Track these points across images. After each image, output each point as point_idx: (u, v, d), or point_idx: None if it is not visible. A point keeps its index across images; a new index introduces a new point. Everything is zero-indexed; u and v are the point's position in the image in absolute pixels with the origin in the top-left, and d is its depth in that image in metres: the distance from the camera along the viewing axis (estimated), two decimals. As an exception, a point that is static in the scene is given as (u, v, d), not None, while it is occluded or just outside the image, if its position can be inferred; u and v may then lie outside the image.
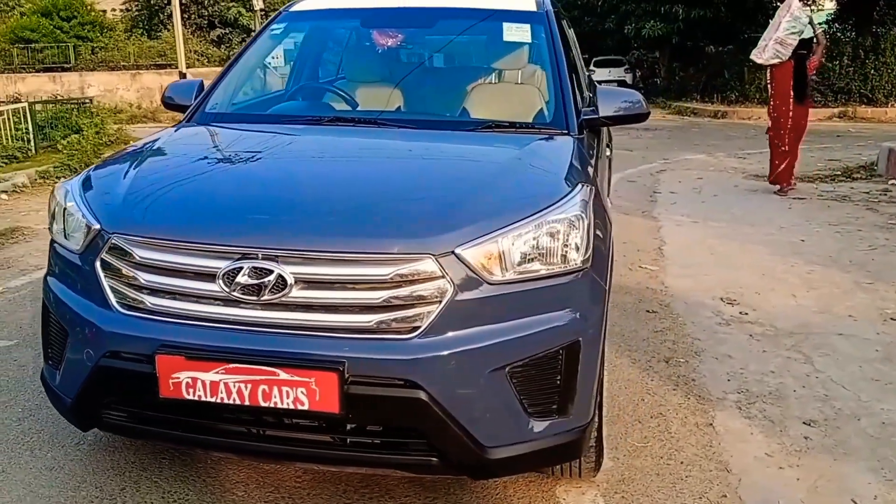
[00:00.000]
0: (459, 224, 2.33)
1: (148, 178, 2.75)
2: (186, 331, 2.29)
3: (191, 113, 3.54)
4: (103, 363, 2.35)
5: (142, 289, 2.36)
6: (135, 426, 2.47)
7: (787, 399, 3.57)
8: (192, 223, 2.43)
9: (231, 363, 2.21)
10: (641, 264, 5.73)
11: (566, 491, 2.73)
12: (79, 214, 2.55)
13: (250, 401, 2.20)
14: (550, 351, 2.32)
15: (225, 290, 2.25)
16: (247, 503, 2.68)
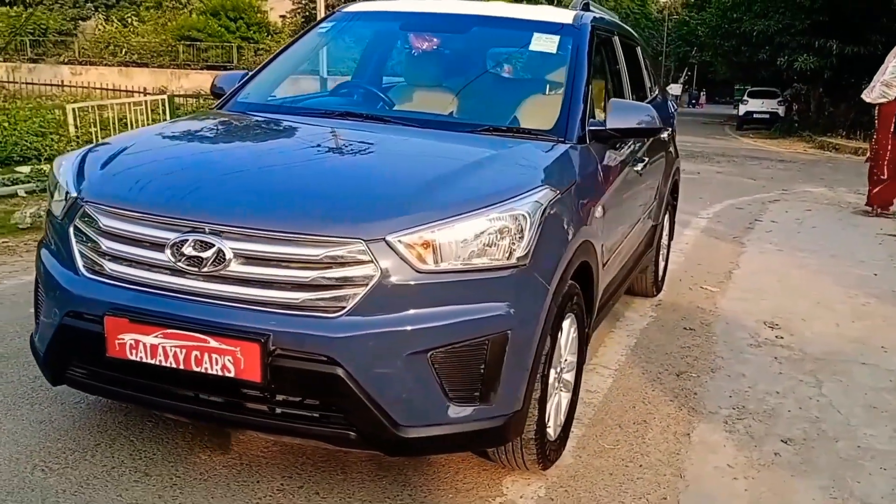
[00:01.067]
0: (394, 213, 2.28)
1: (132, 154, 2.77)
2: (134, 296, 2.31)
3: (223, 101, 3.54)
4: (65, 322, 2.39)
5: (104, 255, 2.39)
6: (93, 383, 2.49)
7: (778, 418, 3.45)
8: (151, 196, 2.44)
9: (169, 328, 2.22)
10: (704, 285, 5.57)
11: (513, 481, 2.74)
12: (64, 184, 2.59)
13: (184, 365, 2.21)
14: (475, 340, 2.27)
15: (172, 260, 2.27)
16: (207, 465, 2.70)
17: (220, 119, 3.34)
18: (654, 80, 5.07)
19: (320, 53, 3.72)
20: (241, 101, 3.46)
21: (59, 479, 2.57)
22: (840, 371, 4.06)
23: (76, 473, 2.61)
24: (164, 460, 2.72)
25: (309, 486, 2.62)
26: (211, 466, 2.71)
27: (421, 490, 2.65)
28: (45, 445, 2.78)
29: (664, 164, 4.74)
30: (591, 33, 3.54)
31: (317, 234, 2.24)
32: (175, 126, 3.35)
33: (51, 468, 2.64)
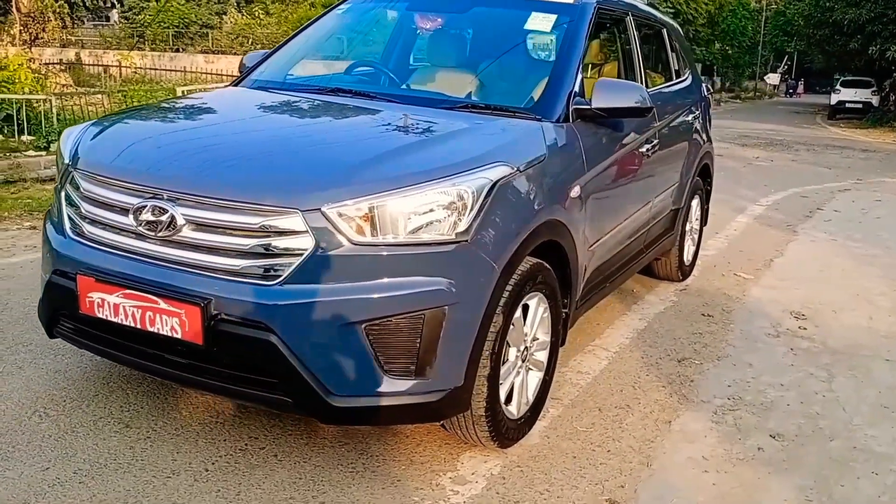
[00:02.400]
0: (332, 185, 2.16)
1: (122, 126, 2.73)
2: (103, 257, 2.29)
3: (238, 80, 3.44)
4: (52, 279, 2.41)
5: (84, 218, 2.38)
6: (76, 337, 2.47)
7: (774, 411, 3.09)
8: (122, 163, 2.41)
9: (128, 289, 2.20)
10: (739, 272, 5.11)
11: (471, 457, 2.57)
12: (62, 153, 2.60)
13: (140, 324, 2.19)
14: (410, 314, 2.13)
15: (134, 224, 2.25)
16: (185, 421, 2.66)
17: (217, 95, 3.28)
18: (685, 63, 4.64)
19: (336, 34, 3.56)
20: (253, 79, 3.37)
21: (49, 425, 2.59)
22: (858, 366, 3.61)
23: (66, 421, 2.63)
24: (148, 414, 2.71)
25: (270, 448, 2.53)
26: (188, 423, 2.67)
27: (376, 459, 2.52)
28: (52, 393, 2.82)
29: (688, 147, 4.34)
30: (592, 13, 3.25)
31: (256, 202, 2.15)
32: (175, 102, 3.31)
33: (47, 414, 2.67)
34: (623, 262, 3.59)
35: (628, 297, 4.40)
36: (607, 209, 3.20)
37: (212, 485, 2.32)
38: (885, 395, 3.30)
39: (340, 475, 2.41)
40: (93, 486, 2.27)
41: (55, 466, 2.36)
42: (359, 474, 2.42)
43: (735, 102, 37.47)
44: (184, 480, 2.33)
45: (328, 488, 2.34)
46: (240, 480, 2.35)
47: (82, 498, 2.22)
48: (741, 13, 41.79)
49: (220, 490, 2.29)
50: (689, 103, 4.43)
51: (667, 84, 4.25)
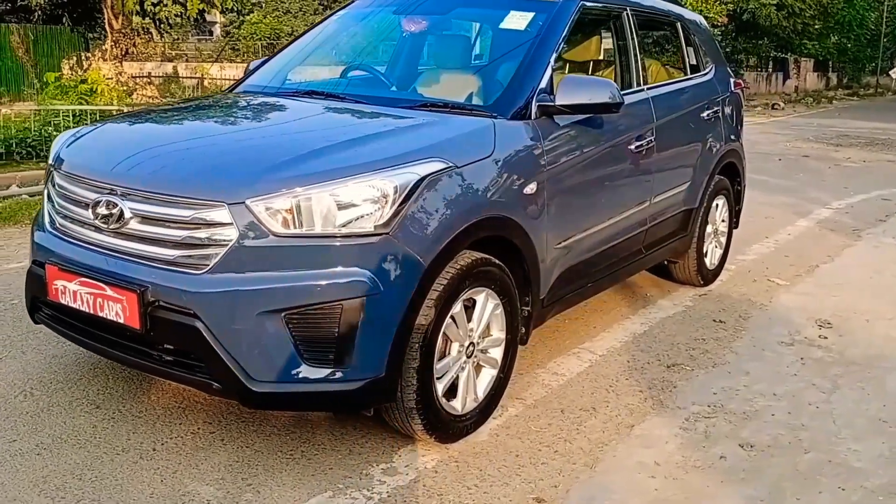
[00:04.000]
0: (257, 179, 2.28)
1: (102, 129, 2.94)
2: (67, 247, 2.52)
3: (233, 85, 3.64)
4: (31, 268, 2.67)
5: (58, 212, 2.61)
6: (50, 323, 2.68)
7: (754, 421, 2.97)
8: (87, 161, 2.63)
9: (83, 277, 2.41)
10: (774, 277, 4.88)
11: (410, 451, 2.62)
12: (51, 154, 2.84)
13: (93, 310, 2.39)
14: (328, 304, 2.23)
15: (91, 218, 2.45)
16: (151, 404, 2.84)
17: (195, 101, 3.49)
18: (707, 57, 4.49)
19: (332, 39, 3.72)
20: (245, 84, 3.57)
21: (30, 404, 2.87)
22: (870, 378, 3.40)
23: (46, 400, 2.89)
24: (120, 397, 2.94)
25: (219, 433, 2.70)
26: (153, 406, 2.88)
27: (316, 447, 2.63)
28: (42, 376, 3.10)
29: (703, 145, 4.21)
30: (574, 11, 3.26)
31: (189, 196, 2.33)
32: (154, 108, 3.59)
33: (32, 394, 2.95)
34: (611, 262, 3.54)
35: (638, 300, 4.33)
36: (580, 207, 3.19)
37: (154, 463, 2.51)
38: (889, 410, 3.10)
39: (277, 461, 2.54)
40: (48, 458, 2.51)
41: (22, 440, 2.61)
42: (294, 461, 2.55)
43: (850, 100, 35.12)
44: (130, 458, 2.53)
45: (260, 472, 2.48)
46: (181, 461, 2.52)
47: (36, 468, 2.45)
48: (859, 3, 39.19)
49: (160, 469, 2.48)
50: (706, 99, 4.29)
51: (677, 80, 4.16)
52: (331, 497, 2.36)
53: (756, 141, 13.53)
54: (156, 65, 20.31)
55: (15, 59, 14.44)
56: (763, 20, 23.20)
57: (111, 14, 12.47)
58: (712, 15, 21.01)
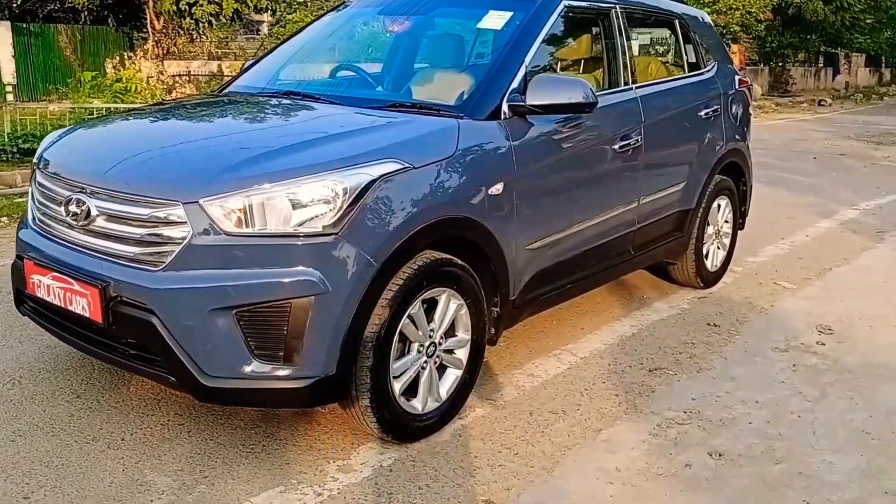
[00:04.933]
0: (211, 179, 2.32)
1: (85, 129, 3.03)
2: (43, 242, 2.60)
3: (223, 85, 3.69)
4: (14, 262, 2.76)
5: (39, 209, 2.70)
6: (32, 315, 2.77)
7: (729, 429, 2.88)
8: (63, 161, 2.72)
9: (55, 272, 2.49)
10: (781, 280, 4.73)
11: (369, 449, 2.63)
12: (36, 154, 2.90)
13: (63, 303, 2.48)
14: (278, 302, 2.26)
15: (64, 214, 2.53)
16: (129, 395, 2.91)
17: (175, 102, 3.56)
18: (708, 55, 4.37)
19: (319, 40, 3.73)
20: (235, 84, 3.61)
21: (16, 392, 2.97)
22: (862, 387, 3.27)
23: (32, 389, 2.99)
24: (102, 387, 3.01)
25: (187, 425, 2.75)
26: (130, 397, 2.94)
27: (277, 442, 2.66)
28: (34, 365, 3.20)
29: (700, 144, 4.10)
30: (555, 10, 3.23)
31: (147, 195, 2.38)
32: (137, 109, 3.66)
33: (20, 382, 3.05)
34: (594, 263, 3.48)
35: (633, 302, 4.24)
36: (556, 208, 3.14)
37: (120, 452, 2.57)
38: (875, 421, 2.97)
39: (236, 454, 2.58)
40: (21, 444, 2.59)
41: (0, 427, 2.71)
42: (253, 455, 2.58)
43: (905, 97, 33.87)
44: (98, 447, 2.59)
45: (219, 464, 2.51)
46: (145, 451, 2.58)
47: (8, 454, 2.54)
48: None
49: (124, 458, 2.53)
50: (705, 98, 4.18)
51: (671, 78, 4.06)
52: (282, 492, 2.38)
53: (795, 138, 13.14)
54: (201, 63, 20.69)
55: (63, 58, 14.98)
56: (809, 14, 22.41)
57: (153, 14, 12.79)
58: (755, 10, 20.40)
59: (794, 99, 22.67)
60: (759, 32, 22.03)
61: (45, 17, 15.96)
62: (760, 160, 10.19)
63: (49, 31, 15.12)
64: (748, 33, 21.41)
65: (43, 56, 14.92)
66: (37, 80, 14.79)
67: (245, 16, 14.15)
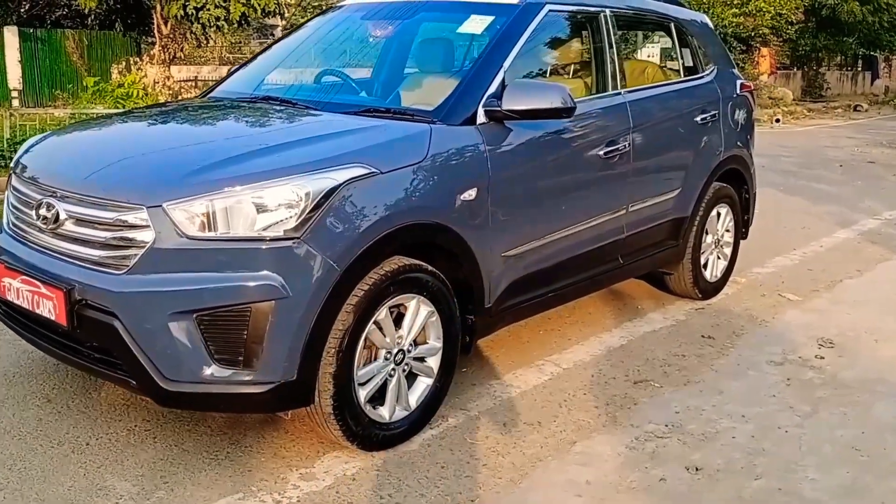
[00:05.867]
0: (175, 183, 2.40)
1: (58, 134, 3.13)
2: (15, 246, 2.68)
3: (207, 91, 3.77)
4: None
5: (12, 213, 2.78)
6: (4, 319, 2.84)
7: (711, 443, 2.90)
8: (36, 165, 2.81)
9: (24, 275, 2.56)
10: (786, 292, 4.72)
11: (335, 457, 2.67)
12: (14, 159, 2.99)
13: (31, 307, 2.54)
14: (238, 307, 2.31)
15: (34, 218, 2.61)
16: (100, 400, 2.98)
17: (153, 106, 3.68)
18: (707, 59, 4.39)
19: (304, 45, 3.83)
20: (219, 89, 3.70)
21: (-12, 396, 3.08)
22: (857, 403, 3.27)
23: (4, 393, 3.08)
24: (74, 392, 3.10)
25: (153, 430, 2.82)
26: (100, 402, 3.03)
27: (242, 449, 2.72)
28: (9, 370, 3.30)
29: (696, 150, 4.13)
30: (537, 15, 3.29)
31: (112, 198, 2.46)
32: (115, 114, 3.78)
33: (-7, 387, 3.16)
34: (578, 272, 3.51)
35: (626, 312, 4.26)
36: (535, 215, 3.19)
37: (84, 457, 2.65)
38: (866, 438, 2.97)
39: (199, 460, 2.64)
40: (-14, 448, 2.69)
41: (-32, 430, 2.81)
42: (216, 461, 2.65)
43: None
44: (63, 451, 2.68)
45: (180, 470, 2.58)
46: (109, 456, 2.66)
47: (-27, 457, 2.64)
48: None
49: (87, 463, 2.62)
50: (702, 103, 4.20)
51: (665, 83, 4.09)
52: (240, 499, 2.44)
53: (824, 145, 13.06)
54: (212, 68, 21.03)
55: (70, 63, 15.33)
56: (845, 16, 22.23)
57: (160, 19, 13.05)
58: (786, 12, 20.30)
59: (829, 104, 22.49)
60: (791, 35, 21.88)
61: (53, 22, 16.36)
62: (783, 167, 10.19)
63: (56, 37, 15.50)
64: (779, 36, 21.29)
65: (49, 61, 15.29)
66: (43, 85, 15.16)
67: (255, 20, 14.37)
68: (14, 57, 14.90)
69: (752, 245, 5.36)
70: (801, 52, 24.43)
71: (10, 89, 14.85)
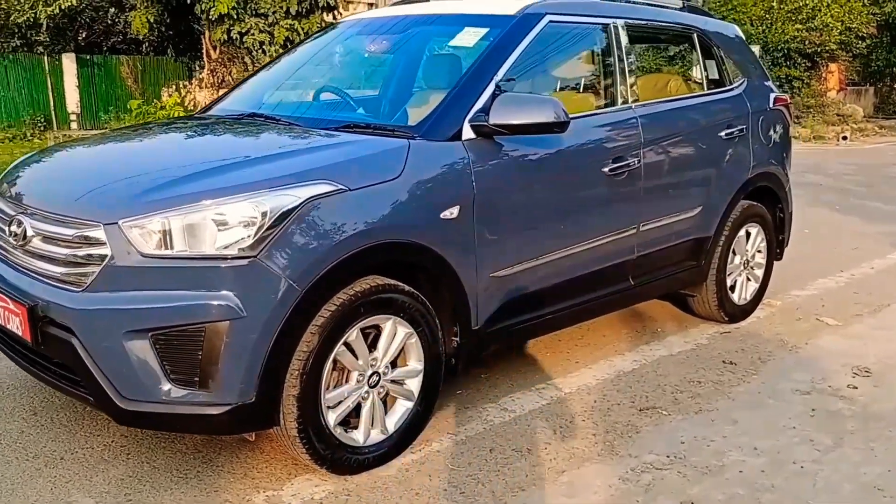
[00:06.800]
0: (132, 201, 2.39)
1: (42, 153, 3.17)
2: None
3: (204, 109, 3.77)
4: None
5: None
6: None
7: (714, 477, 2.71)
8: (13, 183, 2.86)
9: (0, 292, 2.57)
10: (826, 316, 4.44)
11: (306, 480, 2.61)
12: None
13: (4, 322, 2.58)
14: (192, 326, 2.28)
15: (6, 235, 2.66)
16: (83, 413, 3.01)
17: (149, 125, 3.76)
18: (736, 71, 4.21)
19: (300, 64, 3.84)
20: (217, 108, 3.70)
21: (-26, 409, 3.13)
22: (889, 438, 3.02)
23: (-7, 405, 3.14)
24: (60, 406, 3.12)
25: (129, 447, 2.81)
26: (82, 415, 3.04)
27: (213, 469, 2.68)
28: (5, 382, 3.35)
29: (720, 167, 3.94)
30: (535, 26, 3.19)
31: (73, 216, 2.47)
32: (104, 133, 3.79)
33: (-17, 399, 3.21)
34: (581, 293, 3.37)
35: (644, 335, 4.09)
36: (529, 233, 3.07)
37: (56, 471, 2.65)
38: (892, 476, 2.73)
39: (168, 479, 2.62)
40: (-37, 460, 2.72)
41: (-50, 441, 2.86)
42: (185, 480, 2.61)
43: None
44: (36, 465, 2.69)
45: (147, 489, 2.56)
46: (79, 471, 2.66)
47: (-52, 469, 2.67)
48: None
49: (57, 477, 2.62)
50: (728, 117, 4.02)
51: (683, 97, 3.93)
52: (199, 520, 2.41)
53: (890, 163, 12.50)
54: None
55: (125, 87, 15.97)
56: (922, 30, 21.38)
57: (209, 44, 13.47)
58: (856, 26, 19.60)
59: (906, 123, 21.55)
60: (862, 50, 21.12)
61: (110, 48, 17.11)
62: (842, 185, 9.78)
63: (111, 62, 16.23)
64: (848, 52, 20.56)
65: (105, 86, 16.00)
66: (99, 108, 15.87)
67: (299, 43, 14.69)
68: (72, 82, 15.65)
69: (794, 266, 5.13)
70: (873, 68, 23.55)
71: (69, 112, 15.61)
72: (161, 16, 13.77)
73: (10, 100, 15.22)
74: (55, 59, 15.79)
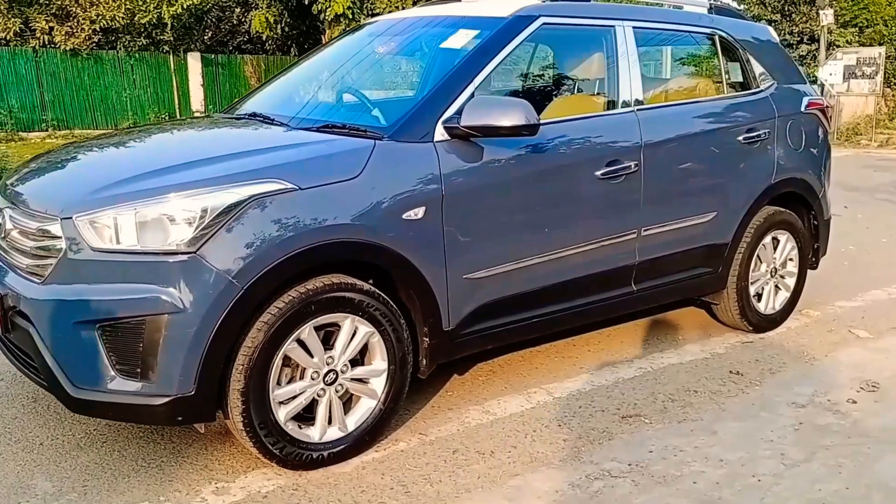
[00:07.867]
0: (86, 195, 2.51)
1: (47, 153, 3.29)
2: None
3: (229, 107, 3.85)
4: None
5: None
6: None
7: (666, 487, 2.65)
8: (10, 178, 3.01)
9: None
10: (859, 329, 4.21)
11: (261, 474, 2.70)
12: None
13: None
14: (133, 318, 2.40)
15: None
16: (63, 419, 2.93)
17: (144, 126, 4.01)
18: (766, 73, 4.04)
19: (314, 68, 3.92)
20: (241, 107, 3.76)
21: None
22: (863, 454, 2.88)
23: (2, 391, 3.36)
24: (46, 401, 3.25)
25: (108, 435, 2.98)
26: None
27: (176, 459, 2.82)
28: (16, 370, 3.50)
29: (738, 172, 3.80)
30: (522, 29, 3.18)
31: (37, 210, 2.66)
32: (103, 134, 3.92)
33: (-4, 385, 3.46)
34: (574, 298, 3.36)
35: (662, 342, 4.03)
36: (506, 236, 3.07)
37: (30, 456, 2.84)
38: (846, 495, 2.60)
39: (129, 467, 2.77)
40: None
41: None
42: (145, 469, 2.76)
43: None
44: (15, 449, 2.88)
45: (106, 475, 2.71)
46: (52, 456, 2.84)
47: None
48: None
49: (29, 461, 2.80)
50: (747, 121, 3.87)
51: (691, 100, 3.81)
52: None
53: None
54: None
55: (248, 86, 16.82)
56: None
57: (328, 43, 14.06)
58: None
59: None
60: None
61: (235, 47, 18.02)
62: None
63: (235, 61, 17.09)
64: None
65: (229, 84, 16.88)
66: (223, 106, 16.82)
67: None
68: (197, 81, 16.52)
69: (844, 276, 4.86)
70: None
71: (193, 111, 16.42)
72: (280, 16, 14.26)
73: (136, 98, 15.93)
74: (180, 58, 16.32)
